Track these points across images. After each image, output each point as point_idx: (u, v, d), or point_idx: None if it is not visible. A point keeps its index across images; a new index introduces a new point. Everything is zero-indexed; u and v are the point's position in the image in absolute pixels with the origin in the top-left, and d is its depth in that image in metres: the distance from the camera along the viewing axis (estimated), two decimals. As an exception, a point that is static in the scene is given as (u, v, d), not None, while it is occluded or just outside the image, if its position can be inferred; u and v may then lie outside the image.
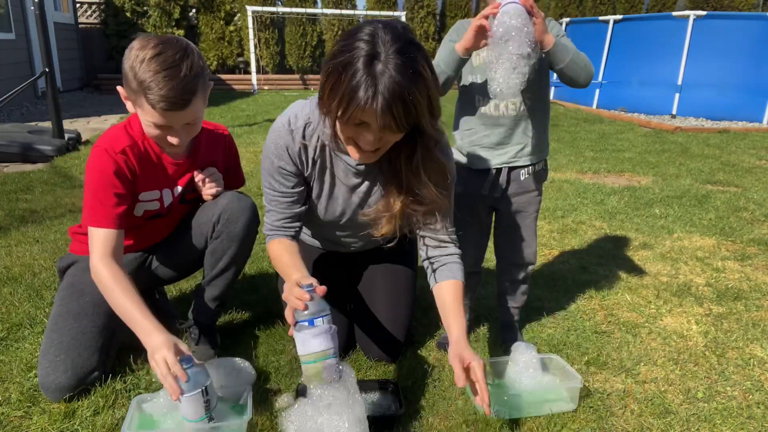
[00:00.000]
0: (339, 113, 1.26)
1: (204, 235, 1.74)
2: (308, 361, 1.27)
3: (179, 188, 1.74)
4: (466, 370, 1.34)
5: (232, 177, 1.93)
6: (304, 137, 1.51)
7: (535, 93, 1.70)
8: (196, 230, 1.76)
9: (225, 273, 1.76)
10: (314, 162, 1.55)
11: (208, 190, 1.75)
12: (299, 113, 1.52)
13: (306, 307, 1.26)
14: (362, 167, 1.53)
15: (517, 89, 1.57)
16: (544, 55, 1.60)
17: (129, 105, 1.57)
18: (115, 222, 1.56)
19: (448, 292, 1.53)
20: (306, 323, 1.26)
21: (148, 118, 1.51)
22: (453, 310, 1.50)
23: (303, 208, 1.59)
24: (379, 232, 1.55)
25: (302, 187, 1.57)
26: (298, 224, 1.60)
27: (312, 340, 1.26)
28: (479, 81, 1.71)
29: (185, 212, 1.83)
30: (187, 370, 1.32)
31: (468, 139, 1.78)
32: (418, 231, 1.60)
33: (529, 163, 1.77)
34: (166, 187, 1.72)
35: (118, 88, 1.58)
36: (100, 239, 1.54)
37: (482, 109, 1.73)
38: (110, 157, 1.57)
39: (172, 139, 1.55)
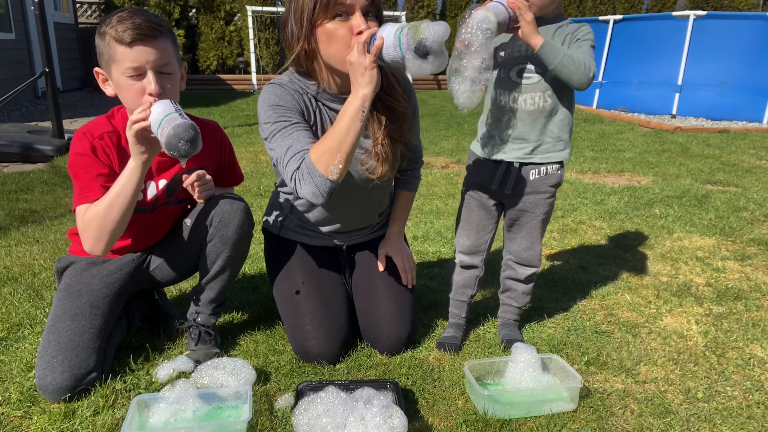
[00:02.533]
0: (322, 10, 1.48)
1: (198, 237, 1.74)
2: (405, 25, 1.40)
3: (164, 181, 1.73)
4: (389, 260, 1.89)
5: (228, 173, 1.93)
6: (293, 87, 1.64)
7: (557, 90, 1.71)
8: (190, 233, 1.76)
9: (220, 276, 1.76)
10: (314, 111, 1.66)
11: (199, 195, 1.72)
12: (276, 80, 1.66)
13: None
14: None
15: (475, 103, 1.55)
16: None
17: (108, 88, 1.60)
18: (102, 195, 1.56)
19: (400, 200, 1.95)
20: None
21: (122, 65, 1.51)
22: (399, 214, 1.95)
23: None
24: (376, 173, 1.69)
25: (310, 128, 1.62)
26: None
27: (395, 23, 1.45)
28: (499, 74, 1.74)
29: (180, 212, 1.83)
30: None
31: (487, 129, 1.81)
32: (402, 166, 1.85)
33: (543, 161, 1.78)
34: (150, 179, 1.71)
35: (95, 69, 1.60)
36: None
37: (502, 102, 1.75)
38: (88, 140, 1.60)
39: (149, 87, 1.51)
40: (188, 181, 1.69)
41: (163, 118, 1.41)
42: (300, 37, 1.56)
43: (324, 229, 1.89)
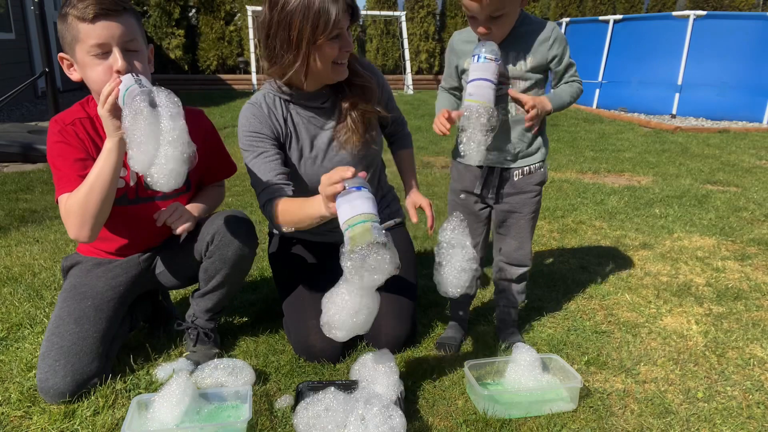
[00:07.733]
0: (324, 33, 1.57)
1: (200, 252, 1.73)
2: (358, 222, 1.31)
3: None
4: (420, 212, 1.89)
5: (218, 160, 1.89)
6: (266, 103, 1.77)
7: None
8: (195, 245, 1.74)
9: (218, 290, 1.76)
10: (285, 120, 1.78)
11: (178, 229, 1.66)
12: (252, 99, 1.81)
13: (353, 176, 1.37)
14: (327, 104, 1.81)
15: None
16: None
17: (74, 73, 1.55)
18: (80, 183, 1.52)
19: (402, 158, 2.04)
20: (355, 189, 1.35)
21: (86, 43, 1.46)
22: (407, 171, 2.02)
23: (288, 169, 1.75)
24: (349, 144, 1.78)
25: (282, 152, 1.76)
26: (290, 182, 1.72)
27: (363, 203, 1.34)
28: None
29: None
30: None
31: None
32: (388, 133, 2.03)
33: (522, 165, 1.79)
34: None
35: (60, 55, 1.56)
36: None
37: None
38: (59, 126, 1.58)
39: (116, 64, 1.46)
40: (160, 219, 1.65)
41: (125, 92, 1.37)
42: (296, 56, 1.63)
43: (316, 233, 1.91)
